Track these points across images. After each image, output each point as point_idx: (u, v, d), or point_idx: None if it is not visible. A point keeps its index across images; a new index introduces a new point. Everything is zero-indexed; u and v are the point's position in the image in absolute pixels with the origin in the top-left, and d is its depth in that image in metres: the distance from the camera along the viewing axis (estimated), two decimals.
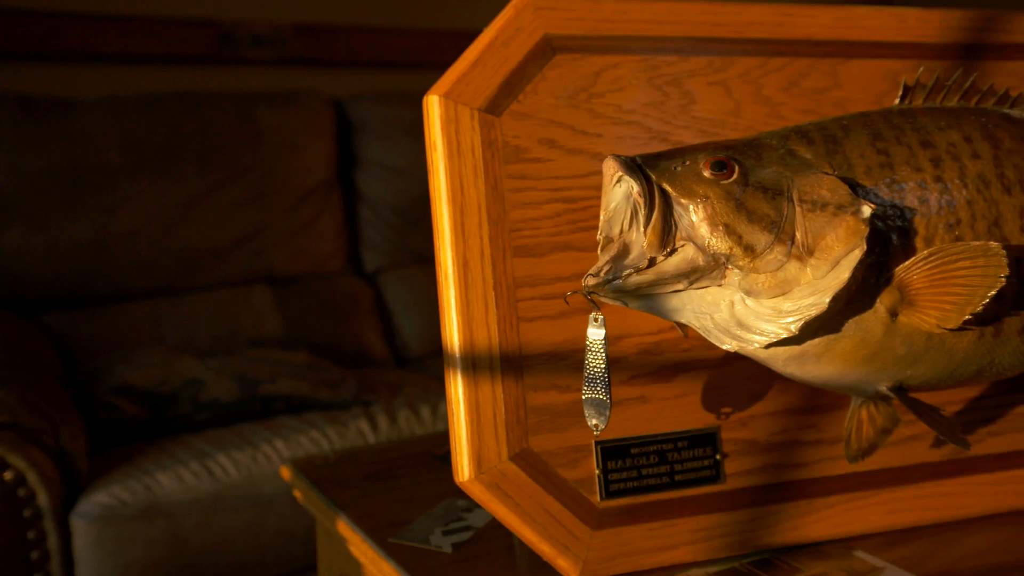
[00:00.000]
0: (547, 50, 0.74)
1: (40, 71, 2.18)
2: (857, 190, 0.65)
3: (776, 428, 0.77)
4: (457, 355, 0.70)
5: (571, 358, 0.72)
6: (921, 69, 0.73)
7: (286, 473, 1.01)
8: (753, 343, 0.63)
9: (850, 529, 0.78)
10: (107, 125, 1.96)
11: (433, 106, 0.72)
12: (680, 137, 0.77)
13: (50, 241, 1.93)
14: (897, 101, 0.71)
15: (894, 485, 0.79)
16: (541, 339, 0.72)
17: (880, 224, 0.65)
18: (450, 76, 0.72)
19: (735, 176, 0.63)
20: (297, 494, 1.01)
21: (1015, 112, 0.74)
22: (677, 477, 0.74)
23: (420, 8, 2.70)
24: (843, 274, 0.62)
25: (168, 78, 2.23)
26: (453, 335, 0.70)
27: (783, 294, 0.62)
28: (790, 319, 0.62)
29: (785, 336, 0.62)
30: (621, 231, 0.65)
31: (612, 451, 0.73)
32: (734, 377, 0.76)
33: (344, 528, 0.86)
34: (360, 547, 0.83)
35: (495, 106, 0.73)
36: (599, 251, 0.66)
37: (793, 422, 0.78)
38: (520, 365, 0.71)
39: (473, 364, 0.70)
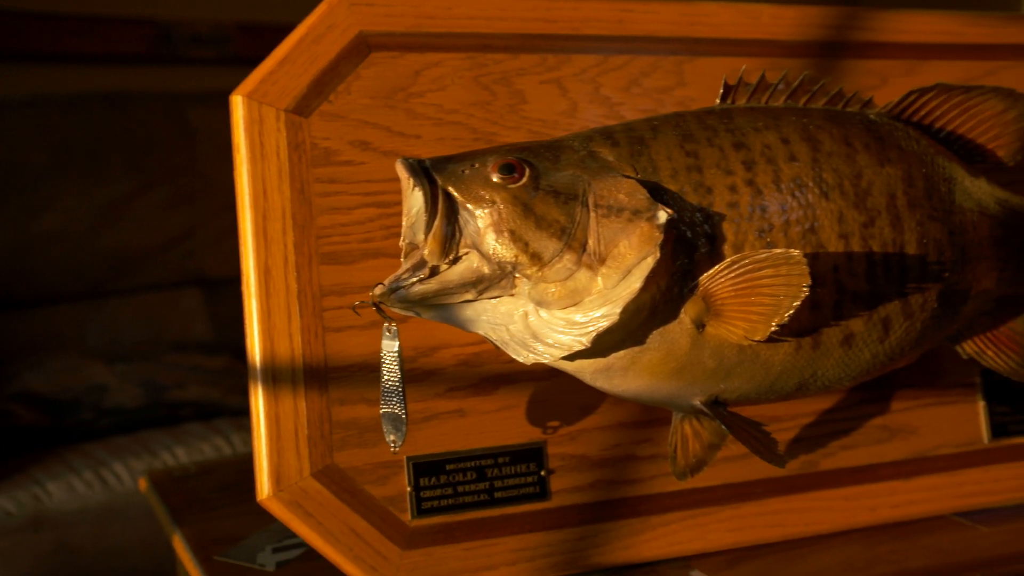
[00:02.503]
0: (362, 48, 0.71)
1: None
2: (659, 194, 0.61)
3: (608, 443, 0.74)
4: (258, 367, 0.67)
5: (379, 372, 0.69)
6: (743, 67, 0.70)
7: (143, 485, 0.98)
8: (549, 356, 0.60)
9: (689, 547, 0.75)
10: (32, 125, 1.93)
11: (236, 107, 0.68)
12: (508, 139, 0.74)
13: None
14: (718, 101, 0.68)
15: (737, 501, 0.76)
16: (349, 350, 0.69)
17: (685, 230, 0.62)
18: (256, 76, 0.69)
19: (524, 180, 0.60)
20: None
21: (863, 114, 0.71)
22: (497, 494, 0.71)
23: None
24: (635, 283, 0.58)
25: (104, 78, 2.20)
26: (254, 346, 0.67)
27: (574, 304, 0.59)
28: (582, 331, 0.59)
29: (579, 348, 0.59)
30: (425, 237, 0.61)
31: (425, 467, 0.69)
32: (562, 389, 0.73)
33: (177, 543, 0.83)
34: (188, 564, 0.80)
35: (303, 107, 0.69)
36: (402, 258, 0.63)
37: (627, 436, 0.75)
38: (325, 377, 0.68)
39: (274, 376, 0.67)
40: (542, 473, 0.72)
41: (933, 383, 0.83)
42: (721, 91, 0.68)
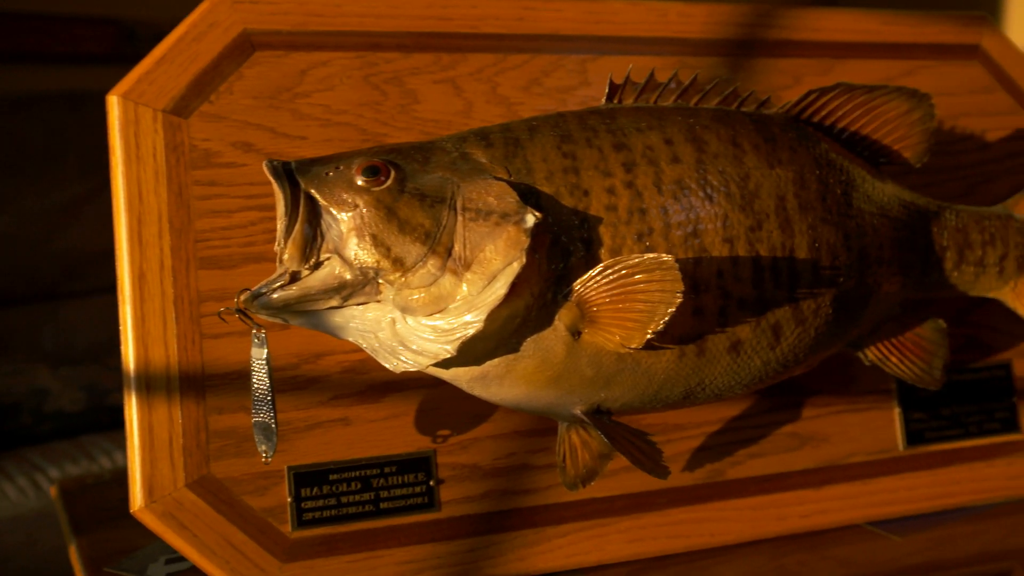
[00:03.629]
0: (245, 46, 0.69)
1: None
2: (532, 197, 0.60)
3: (502, 452, 0.72)
4: (131, 375, 0.65)
5: None
6: (631, 66, 0.68)
7: (53, 493, 0.96)
8: (416, 364, 0.58)
9: (586, 559, 0.73)
10: None
11: (112, 107, 0.67)
12: (399, 140, 0.72)
13: None
14: (604, 100, 0.66)
15: (638, 512, 0.74)
16: (228, 357, 0.67)
17: (559, 234, 0.60)
18: (133, 75, 0.67)
19: (389, 182, 0.58)
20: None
21: (753, 113, 0.69)
22: (383, 505, 0.69)
23: None
24: (500, 290, 0.56)
25: (67, 77, 2.18)
26: (128, 353, 0.65)
27: (439, 311, 0.57)
28: (448, 338, 0.57)
29: (445, 356, 0.57)
30: (285, 242, 0.59)
31: (306, 477, 0.67)
32: (453, 397, 0.71)
33: (72, 554, 0.81)
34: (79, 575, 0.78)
35: (182, 107, 0.68)
36: (277, 263, 0.61)
37: (521, 445, 0.73)
38: (202, 385, 0.66)
39: (148, 384, 0.65)
40: (431, 483, 0.70)
41: (846, 389, 0.82)
42: (607, 90, 0.66)
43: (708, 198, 0.63)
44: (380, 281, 0.57)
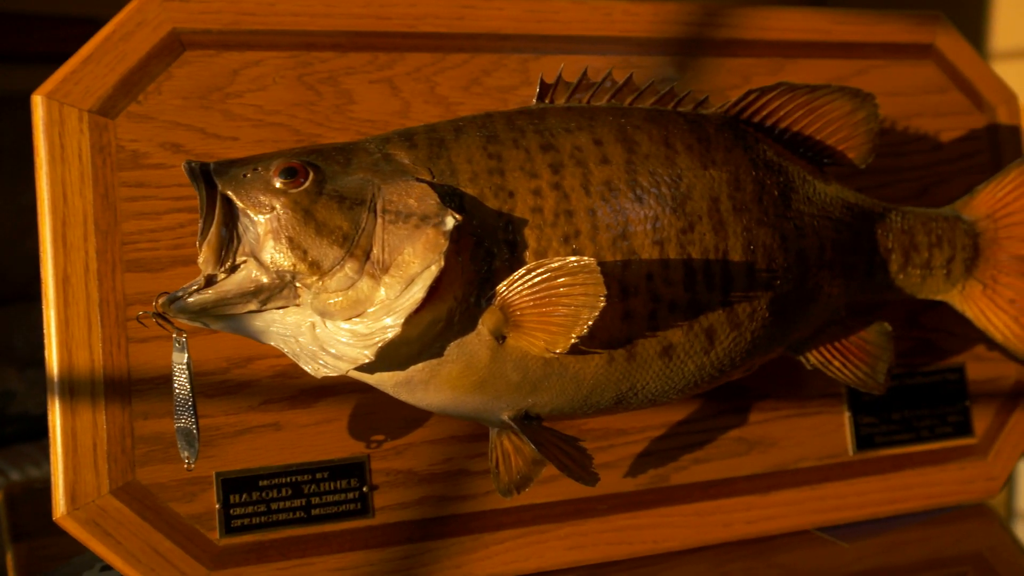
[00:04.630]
0: (175, 46, 0.68)
1: None
2: (455, 199, 0.58)
3: (438, 457, 0.71)
4: (55, 379, 0.64)
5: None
6: (562, 65, 0.67)
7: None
8: (337, 369, 0.57)
9: (525, 566, 0.72)
10: None
11: (36, 107, 0.66)
12: (335, 140, 0.71)
13: None
14: (535, 100, 0.65)
15: (579, 518, 0.73)
16: (155, 361, 0.66)
17: (483, 237, 0.59)
18: (58, 75, 0.66)
19: (307, 184, 0.57)
20: None
21: (688, 113, 0.68)
22: (315, 511, 0.68)
23: None
24: (418, 293, 0.55)
25: (40, 77, 2.17)
26: (52, 357, 0.64)
27: (357, 315, 0.56)
28: (366, 343, 0.56)
29: (365, 361, 0.56)
30: (200, 245, 0.58)
31: (235, 483, 0.66)
32: (388, 401, 0.69)
33: (8, 560, 0.80)
34: None
35: (109, 107, 0.66)
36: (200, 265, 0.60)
37: (459, 450, 0.72)
38: (128, 390, 0.65)
39: (71, 389, 0.64)
40: (364, 489, 0.69)
41: (795, 393, 0.80)
42: (538, 90, 0.65)
43: (638, 200, 0.62)
44: (298, 285, 0.56)
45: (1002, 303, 0.75)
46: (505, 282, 0.58)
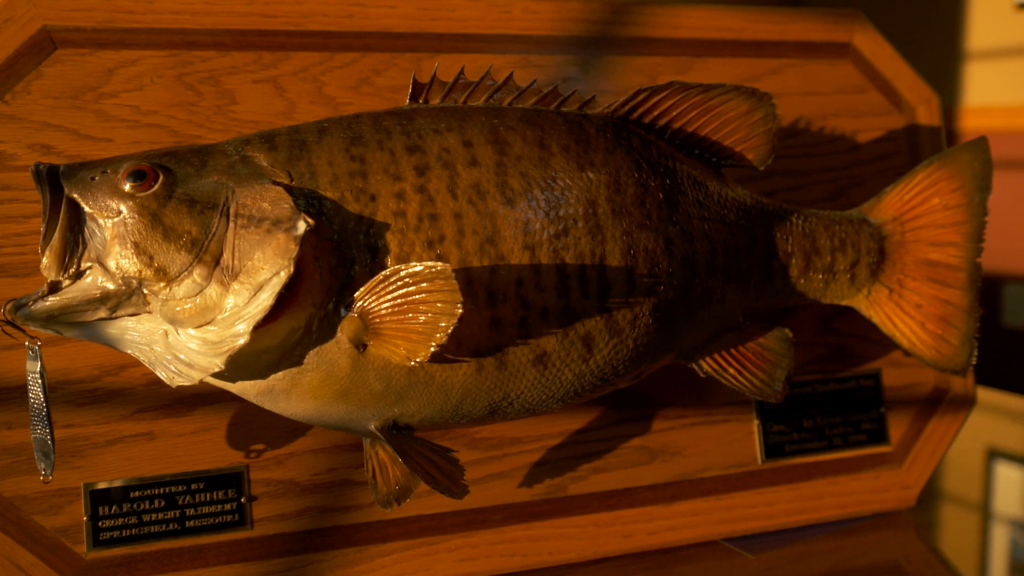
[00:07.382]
0: (46, 44, 0.66)
1: None
2: (314, 203, 0.57)
3: (321, 467, 0.69)
4: None
5: (58, 390, 0.64)
6: (437, 64, 0.65)
7: None
8: (190, 378, 0.55)
9: None
10: None
11: None
12: (215, 141, 0.69)
13: None
14: (408, 101, 0.63)
15: (470, 529, 0.71)
16: (19, 370, 0.64)
17: (341, 241, 0.57)
18: None
19: (156, 187, 0.55)
20: None
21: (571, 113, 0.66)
22: (189, 523, 0.66)
23: None
24: (266, 301, 0.53)
25: None
26: None
27: (207, 323, 0.54)
28: (217, 351, 0.54)
29: (216, 370, 0.54)
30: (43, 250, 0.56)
31: (104, 495, 0.64)
32: (269, 410, 0.68)
33: None
34: None
35: None
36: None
37: (343, 460, 0.70)
38: None
39: None
40: (242, 500, 0.67)
41: (701, 401, 0.78)
42: (411, 90, 0.63)
43: (507, 203, 0.60)
44: (146, 291, 0.54)
45: (909, 308, 0.73)
46: (362, 288, 0.56)
